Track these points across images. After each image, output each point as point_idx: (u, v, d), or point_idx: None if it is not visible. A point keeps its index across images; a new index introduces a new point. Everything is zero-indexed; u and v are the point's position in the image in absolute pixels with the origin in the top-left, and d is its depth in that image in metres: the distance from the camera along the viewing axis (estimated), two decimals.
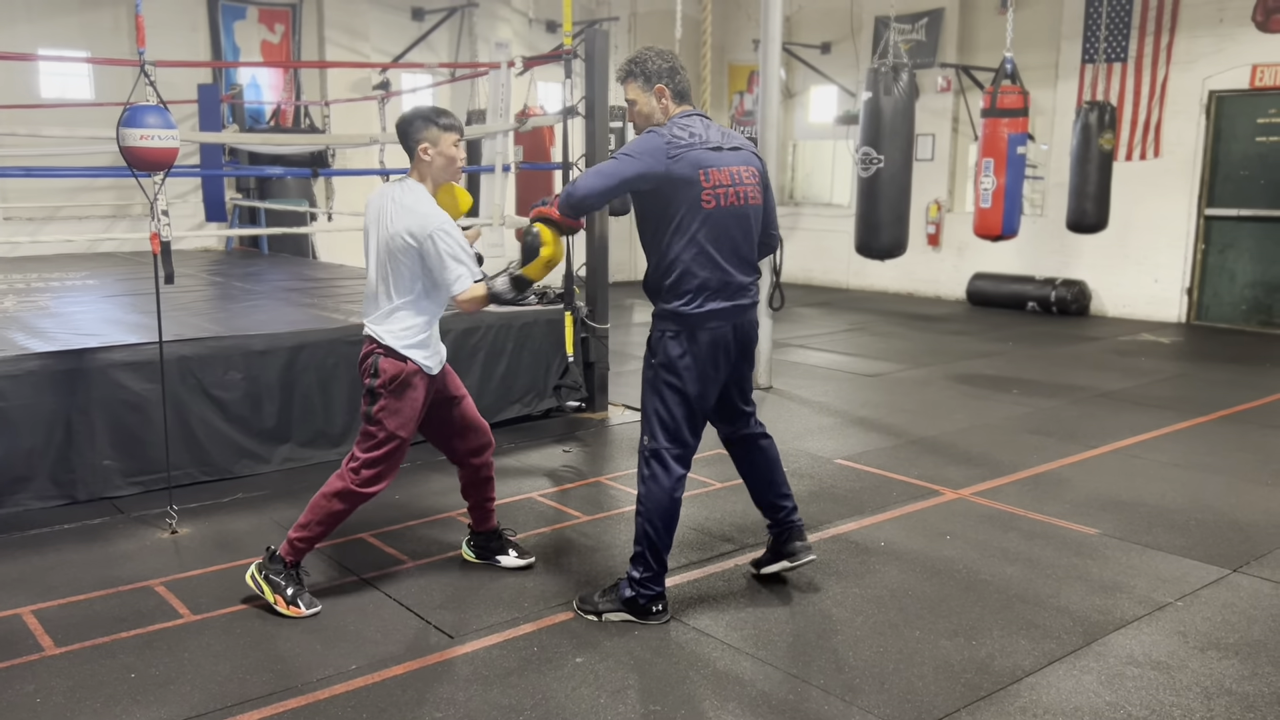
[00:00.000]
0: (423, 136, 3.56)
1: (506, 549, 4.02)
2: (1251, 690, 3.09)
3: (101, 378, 4.68)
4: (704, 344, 3.42)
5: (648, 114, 3.50)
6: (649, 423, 3.49)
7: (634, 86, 3.50)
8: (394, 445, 3.59)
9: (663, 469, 3.47)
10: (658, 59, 3.48)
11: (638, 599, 3.50)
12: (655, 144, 3.35)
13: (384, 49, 11.73)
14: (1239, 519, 4.60)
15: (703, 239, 3.38)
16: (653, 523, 3.47)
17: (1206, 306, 10.48)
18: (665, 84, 3.47)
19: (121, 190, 9.82)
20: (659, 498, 3.47)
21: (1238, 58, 9.88)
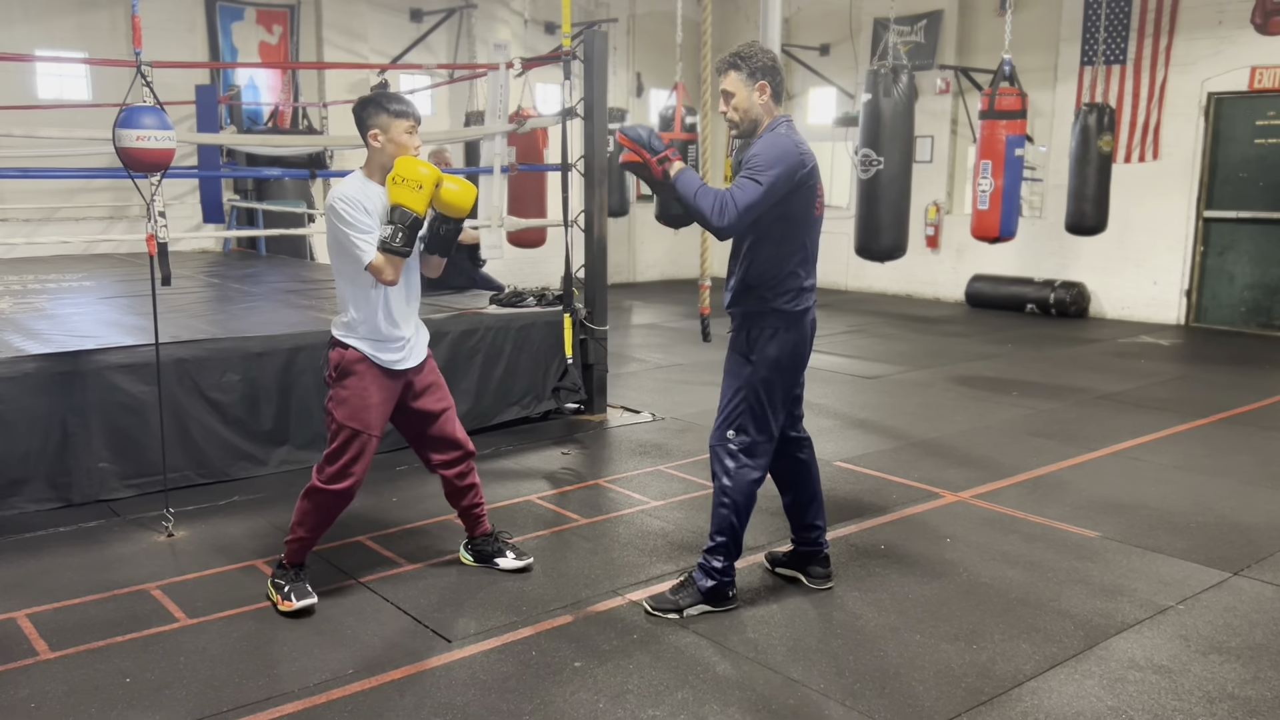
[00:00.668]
0: (373, 123, 3.52)
1: (504, 551, 4.00)
2: (1254, 694, 3.07)
3: (98, 380, 4.65)
4: (799, 341, 3.51)
5: (746, 109, 3.47)
6: (741, 417, 3.51)
7: (735, 78, 3.45)
8: (346, 437, 3.55)
9: (752, 461, 3.51)
10: (764, 55, 3.46)
11: (721, 587, 3.55)
12: (791, 151, 3.35)
13: (382, 50, 11.72)
14: (1240, 521, 4.59)
15: (808, 243, 3.49)
16: (739, 513, 3.52)
17: (1205, 308, 10.47)
18: (769, 80, 3.46)
19: (119, 191, 9.79)
20: (746, 489, 3.52)
21: (1236, 60, 9.88)
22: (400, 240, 3.42)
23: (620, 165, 3.52)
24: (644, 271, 14.57)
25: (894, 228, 7.86)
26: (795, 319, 3.49)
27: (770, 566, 3.97)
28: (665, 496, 4.91)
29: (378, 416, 3.61)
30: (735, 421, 3.52)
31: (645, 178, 3.44)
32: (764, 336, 3.48)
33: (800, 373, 3.61)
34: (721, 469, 3.54)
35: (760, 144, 3.40)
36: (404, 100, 3.60)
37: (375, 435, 3.61)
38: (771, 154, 3.34)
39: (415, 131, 3.57)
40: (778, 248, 3.44)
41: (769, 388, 3.50)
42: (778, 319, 3.47)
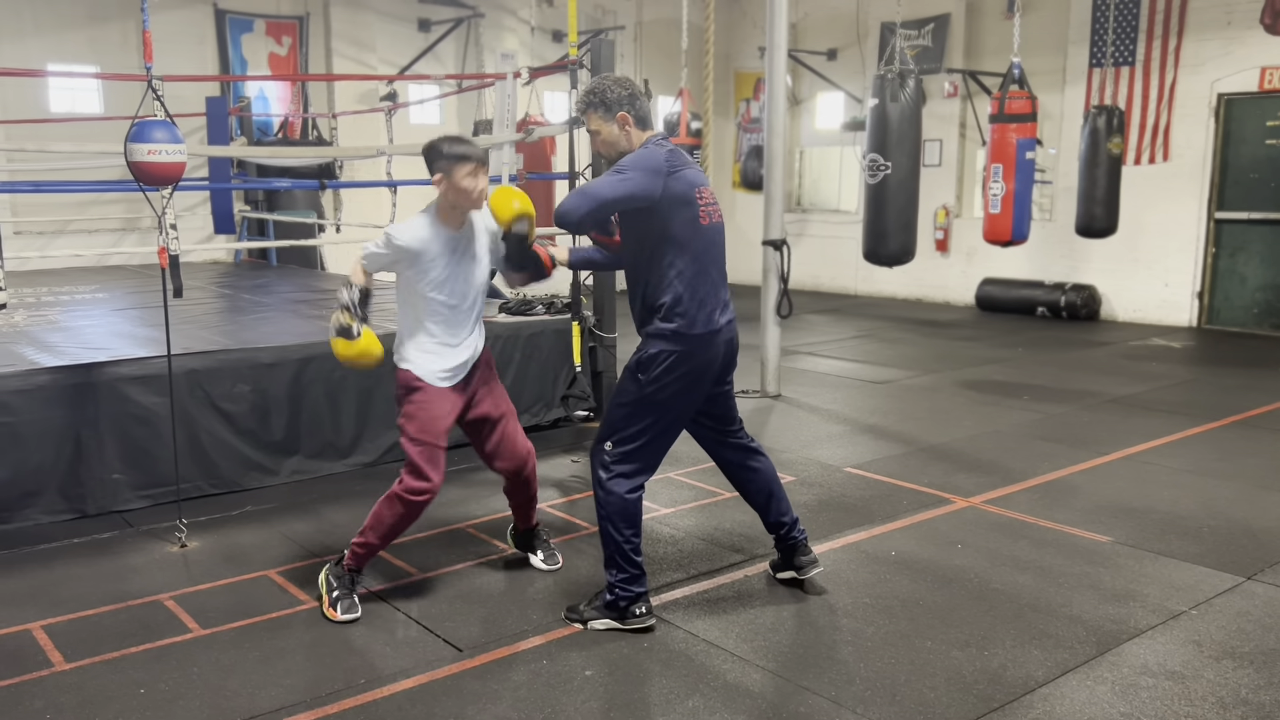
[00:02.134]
0: (435, 168, 3.62)
1: (537, 549, 4.11)
2: (1268, 700, 3.05)
3: (110, 392, 4.69)
4: (700, 363, 3.46)
5: (613, 142, 3.50)
6: (620, 433, 3.48)
7: (595, 117, 3.50)
8: (418, 450, 3.63)
9: (625, 478, 3.48)
10: (616, 87, 3.48)
11: (618, 601, 3.51)
12: (655, 160, 3.35)
13: (391, 60, 11.77)
14: (1253, 526, 4.57)
15: (703, 258, 3.43)
16: (618, 526, 3.48)
17: (1217, 310, 10.42)
18: (627, 110, 3.47)
19: (130, 204, 9.86)
20: (620, 502, 3.48)
21: (1246, 60, 9.85)
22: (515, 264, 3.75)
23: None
24: None
25: (902, 232, 7.86)
26: (695, 342, 3.41)
27: (774, 575, 3.97)
28: (674, 504, 4.91)
29: (445, 427, 3.70)
30: (614, 435, 3.48)
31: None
32: (658, 360, 3.41)
33: (698, 396, 3.53)
34: (595, 479, 3.52)
35: (625, 159, 3.43)
36: (465, 143, 3.65)
37: (444, 445, 3.69)
38: (631, 159, 3.39)
39: (479, 174, 3.61)
40: (666, 267, 3.39)
41: (653, 408, 3.44)
42: (675, 342, 3.41)
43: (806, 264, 13.40)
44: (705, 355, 3.46)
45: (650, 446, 3.51)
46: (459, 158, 3.57)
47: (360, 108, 11.00)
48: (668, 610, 3.70)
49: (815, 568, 3.84)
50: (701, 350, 3.45)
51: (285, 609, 3.71)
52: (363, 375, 5.41)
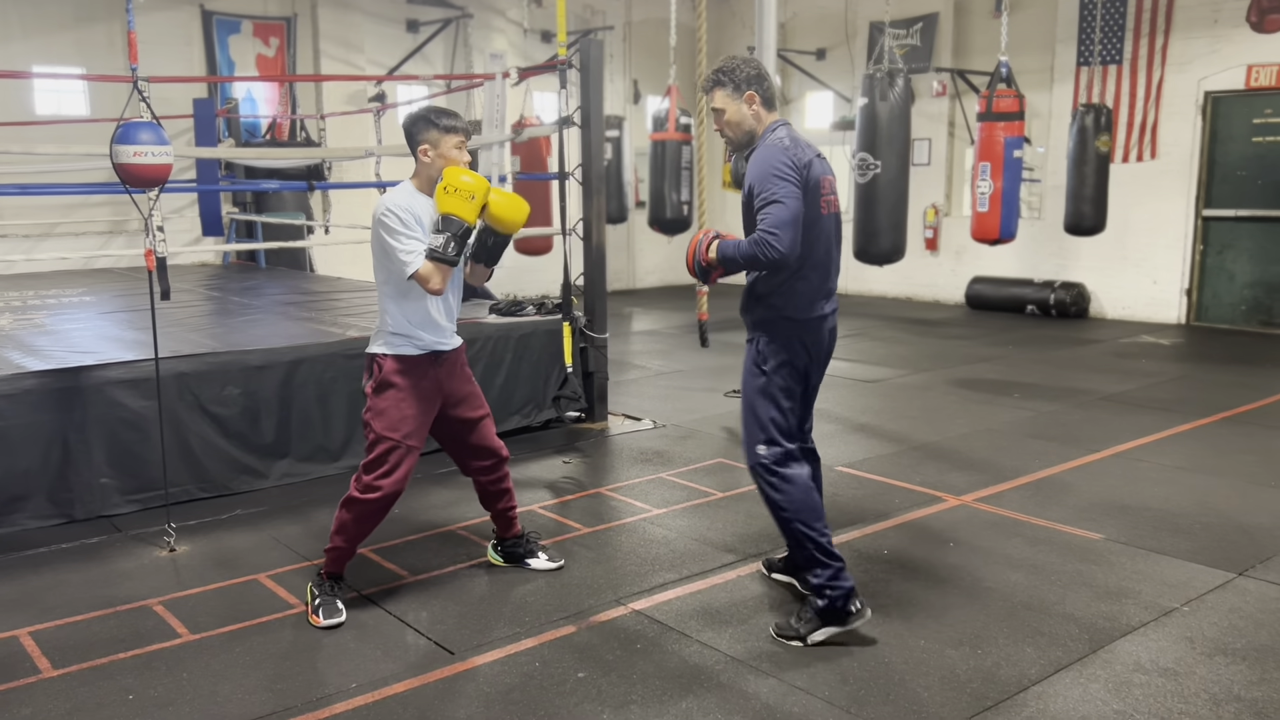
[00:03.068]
0: (423, 138, 3.56)
1: (535, 552, 4.06)
2: (1260, 696, 3.06)
3: (98, 395, 4.65)
4: (810, 346, 3.47)
5: (738, 121, 3.45)
6: (765, 430, 3.45)
7: (721, 94, 3.45)
8: (385, 448, 3.56)
9: (790, 468, 3.45)
10: (745, 66, 3.44)
11: (833, 603, 3.41)
12: (775, 155, 3.30)
13: (379, 61, 11.74)
14: (1244, 522, 4.58)
15: (818, 245, 3.41)
16: (807, 520, 3.42)
17: (1206, 307, 10.46)
18: (755, 90, 3.43)
19: (117, 206, 9.80)
20: (799, 496, 3.43)
21: (1233, 58, 9.89)
22: (451, 249, 3.44)
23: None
24: (643, 278, 14.58)
25: (892, 231, 7.87)
26: (808, 327, 3.44)
27: (766, 573, 3.95)
28: (668, 504, 4.90)
29: (416, 427, 3.62)
30: (764, 436, 3.46)
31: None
32: (775, 346, 3.43)
33: (807, 379, 3.54)
34: (767, 485, 3.46)
35: (750, 166, 3.37)
36: (455, 115, 3.62)
37: (414, 446, 3.62)
38: (761, 171, 3.30)
39: (465, 147, 3.59)
40: None
41: (787, 394, 3.46)
42: (789, 327, 3.43)
43: None
44: (813, 339, 3.48)
45: (791, 435, 3.49)
46: (450, 129, 3.54)
47: (349, 109, 10.96)
48: (661, 611, 3.69)
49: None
50: (810, 334, 3.46)
51: (276, 613, 3.69)
52: (352, 376, 5.38)
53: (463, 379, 3.81)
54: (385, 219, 3.48)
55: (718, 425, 6.45)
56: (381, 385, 3.61)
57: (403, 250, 3.46)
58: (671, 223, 10.09)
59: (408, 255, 3.46)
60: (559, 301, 6.39)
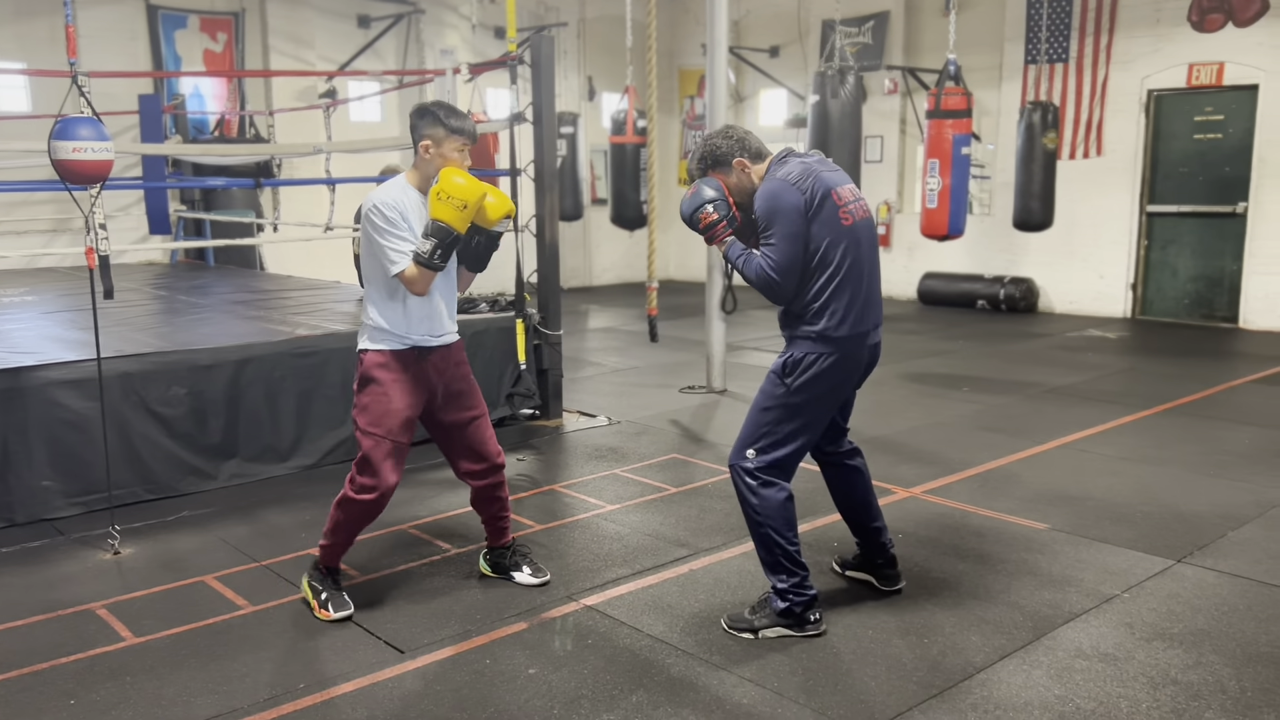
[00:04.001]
0: (427, 134, 3.50)
1: (521, 565, 3.94)
2: (1196, 679, 3.13)
3: (39, 396, 4.57)
4: (848, 366, 3.42)
5: (742, 188, 3.47)
6: (764, 438, 3.41)
7: (719, 176, 3.49)
8: (370, 444, 3.51)
9: (774, 485, 3.41)
10: (721, 140, 3.47)
11: (793, 608, 3.42)
12: (778, 192, 3.31)
13: (330, 57, 11.62)
14: (1184, 510, 4.68)
15: (846, 261, 3.35)
16: (777, 530, 3.40)
17: (1150, 301, 10.68)
18: (740, 156, 3.45)
19: (61, 204, 9.61)
20: (777, 507, 3.40)
21: (1174, 57, 10.10)
22: (438, 256, 3.41)
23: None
24: (600, 275, 14.57)
25: None
26: (842, 344, 3.37)
27: (840, 570, 3.94)
28: (621, 500, 4.91)
29: (400, 421, 3.55)
30: (758, 441, 3.42)
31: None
32: (804, 363, 3.37)
33: (840, 398, 3.52)
34: (745, 488, 3.43)
35: (757, 203, 3.37)
36: (463, 116, 3.55)
37: (401, 441, 3.56)
38: (766, 207, 3.31)
39: (466, 150, 3.55)
40: (812, 271, 3.34)
41: (800, 413, 3.40)
42: (823, 345, 3.36)
43: None
44: (852, 358, 3.42)
45: (795, 453, 3.44)
46: (456, 130, 3.49)
47: (299, 105, 10.84)
48: (613, 606, 3.69)
49: (898, 584, 3.81)
50: (849, 352, 3.40)
51: (223, 614, 3.64)
52: (302, 376, 5.33)
53: (456, 376, 3.71)
54: (373, 216, 3.44)
55: (672, 421, 6.47)
56: (364, 380, 3.56)
57: (390, 249, 3.42)
58: (633, 220, 10.20)
59: (395, 255, 3.42)
60: (512, 298, 6.37)
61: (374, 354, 3.56)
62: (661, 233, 13.11)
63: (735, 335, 8.96)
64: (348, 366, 5.45)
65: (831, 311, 3.35)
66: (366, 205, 3.49)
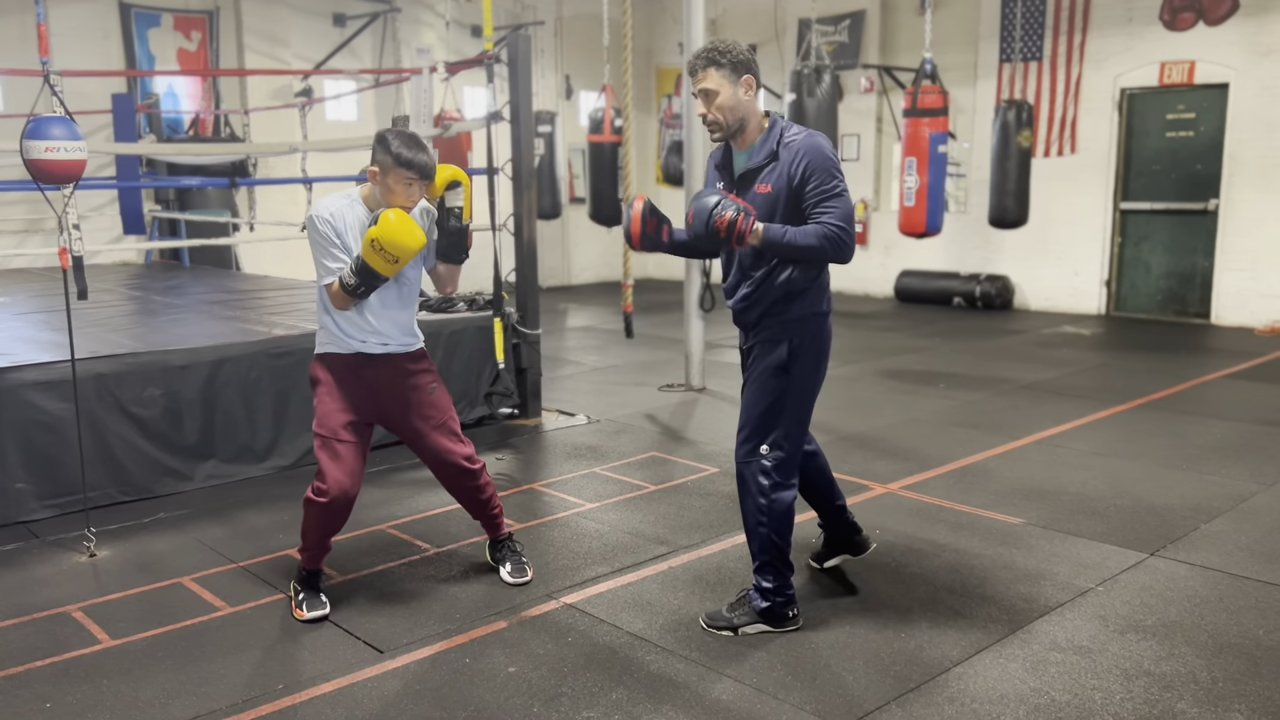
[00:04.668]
0: (377, 160, 3.45)
1: (505, 562, 3.97)
2: (1169, 670, 3.17)
3: (12, 398, 4.52)
4: (829, 339, 3.46)
5: (732, 106, 3.22)
6: (777, 432, 3.35)
7: (717, 75, 3.20)
8: (318, 444, 3.55)
9: (787, 479, 3.39)
10: (738, 49, 3.24)
11: (774, 607, 3.43)
12: (828, 144, 3.24)
13: (305, 55, 11.55)
14: (1156, 504, 4.74)
15: None
16: (780, 532, 3.38)
17: (1124, 298, 10.78)
18: (753, 75, 3.24)
19: (34, 204, 9.51)
20: (784, 510, 3.38)
21: (1147, 56, 10.20)
22: (360, 292, 3.46)
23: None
24: (579, 274, 14.56)
25: None
26: (828, 321, 3.44)
27: (818, 565, 3.94)
28: (600, 499, 4.92)
29: (342, 422, 3.54)
30: (770, 437, 3.35)
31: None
32: (805, 344, 3.33)
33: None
34: (757, 488, 3.36)
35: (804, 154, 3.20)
36: (418, 149, 3.39)
37: (347, 440, 3.53)
38: (825, 160, 3.19)
39: (415, 184, 3.41)
40: None
41: (807, 399, 3.39)
42: (818, 324, 3.37)
43: None
44: (830, 333, 3.46)
45: (800, 443, 3.43)
46: (405, 164, 3.37)
47: (274, 104, 10.78)
48: (592, 604, 3.70)
49: (873, 543, 3.91)
50: (829, 328, 3.45)
51: (200, 616, 3.63)
52: (278, 376, 5.31)
53: (408, 386, 3.67)
54: (310, 227, 3.51)
55: (651, 419, 6.49)
56: (312, 382, 3.65)
57: (319, 263, 3.51)
58: (612, 217, 10.21)
59: (321, 270, 3.52)
60: (490, 298, 6.36)
61: (318, 357, 3.65)
62: None
63: (713, 333, 8.97)
64: None
65: (824, 292, 3.40)
66: (308, 216, 3.54)
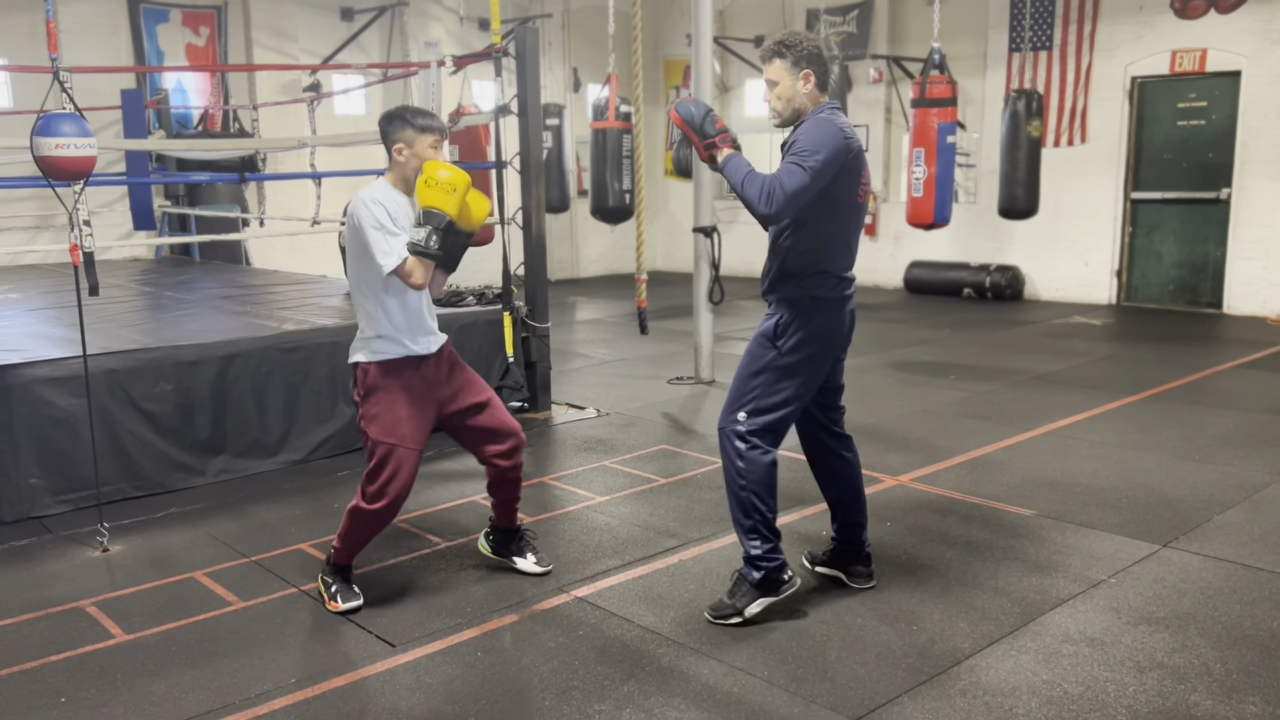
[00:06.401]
0: (398, 137, 3.53)
1: (525, 552, 3.97)
2: (1182, 662, 3.16)
3: (25, 394, 4.54)
4: (834, 330, 3.46)
5: (789, 97, 3.41)
6: (755, 401, 3.41)
7: (780, 66, 3.40)
8: (383, 453, 3.50)
9: (763, 443, 3.42)
10: (808, 42, 3.39)
11: (768, 575, 3.44)
12: (836, 135, 3.28)
13: (313, 50, 11.56)
14: (1169, 495, 4.72)
15: (849, 229, 3.45)
16: (761, 495, 3.42)
17: (1135, 288, 10.73)
18: (813, 69, 3.38)
19: (44, 200, 9.55)
20: (763, 472, 3.41)
21: (1157, 44, 10.13)
22: (433, 242, 3.40)
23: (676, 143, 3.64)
24: (587, 267, 14.56)
25: None
26: (833, 306, 3.43)
27: (810, 566, 3.91)
28: (611, 492, 4.92)
29: (411, 429, 3.54)
30: (748, 405, 3.43)
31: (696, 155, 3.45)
32: (796, 323, 3.40)
33: (829, 363, 3.52)
34: (733, 451, 3.43)
35: (804, 128, 3.34)
36: (429, 115, 3.60)
37: (412, 449, 3.54)
38: (816, 138, 3.27)
39: (440, 146, 3.58)
40: (819, 234, 3.37)
41: (791, 375, 3.41)
42: (814, 306, 3.41)
43: (739, 251, 13.43)
44: (835, 321, 3.45)
45: (783, 421, 3.44)
46: (425, 129, 3.53)
47: (283, 99, 10.78)
48: (603, 597, 3.71)
49: (869, 582, 3.77)
50: (833, 315, 3.44)
51: (213, 610, 3.64)
52: (289, 371, 5.32)
53: (455, 370, 3.73)
54: (361, 213, 3.44)
55: (660, 412, 6.49)
56: (370, 391, 3.54)
57: (382, 244, 3.40)
58: (614, 211, 10.04)
59: (387, 249, 3.40)
60: (499, 292, 6.37)
61: (376, 365, 3.54)
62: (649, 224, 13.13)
63: (723, 326, 8.98)
64: (335, 361, 5.45)
65: (826, 274, 3.41)
66: (353, 206, 3.48)
